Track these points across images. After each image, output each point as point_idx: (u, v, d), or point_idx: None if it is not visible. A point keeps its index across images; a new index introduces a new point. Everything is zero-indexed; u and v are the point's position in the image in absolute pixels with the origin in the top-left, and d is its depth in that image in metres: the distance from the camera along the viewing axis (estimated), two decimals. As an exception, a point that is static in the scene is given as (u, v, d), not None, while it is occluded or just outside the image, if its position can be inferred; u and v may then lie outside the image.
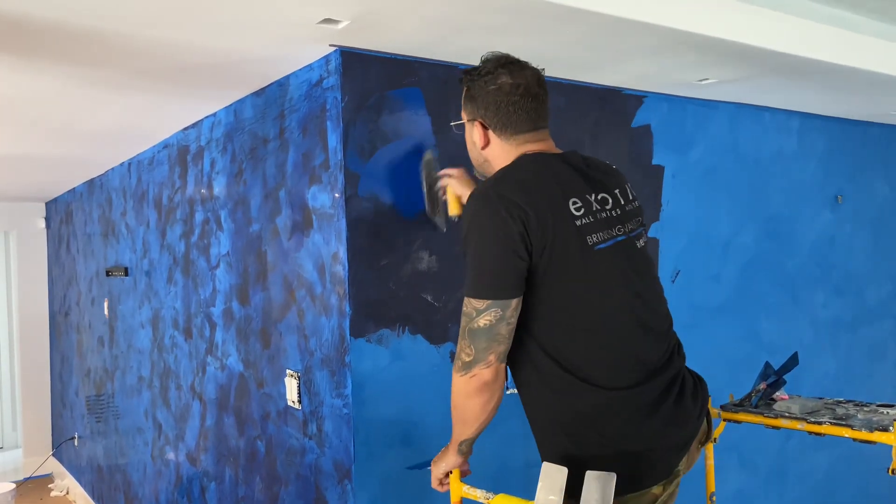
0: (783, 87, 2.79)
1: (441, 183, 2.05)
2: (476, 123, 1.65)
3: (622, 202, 1.62)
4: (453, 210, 2.03)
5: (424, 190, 2.11)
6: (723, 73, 2.54)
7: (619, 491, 1.48)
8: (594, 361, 1.52)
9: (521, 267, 1.48)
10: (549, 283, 1.49)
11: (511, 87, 1.59)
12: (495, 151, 1.65)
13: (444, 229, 2.15)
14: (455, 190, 2.01)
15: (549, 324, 1.52)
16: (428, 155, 2.12)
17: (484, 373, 1.52)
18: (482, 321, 1.49)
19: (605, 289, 1.53)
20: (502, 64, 1.61)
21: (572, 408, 1.52)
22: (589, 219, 1.53)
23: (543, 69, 1.65)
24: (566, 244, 1.49)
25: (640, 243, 1.64)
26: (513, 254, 1.46)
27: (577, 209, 1.52)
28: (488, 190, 1.52)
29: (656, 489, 1.55)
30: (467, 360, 1.52)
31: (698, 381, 1.67)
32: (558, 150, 1.65)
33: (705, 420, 1.67)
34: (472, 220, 1.51)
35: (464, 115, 1.69)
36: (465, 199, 1.95)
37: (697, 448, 1.65)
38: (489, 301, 1.48)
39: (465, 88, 1.67)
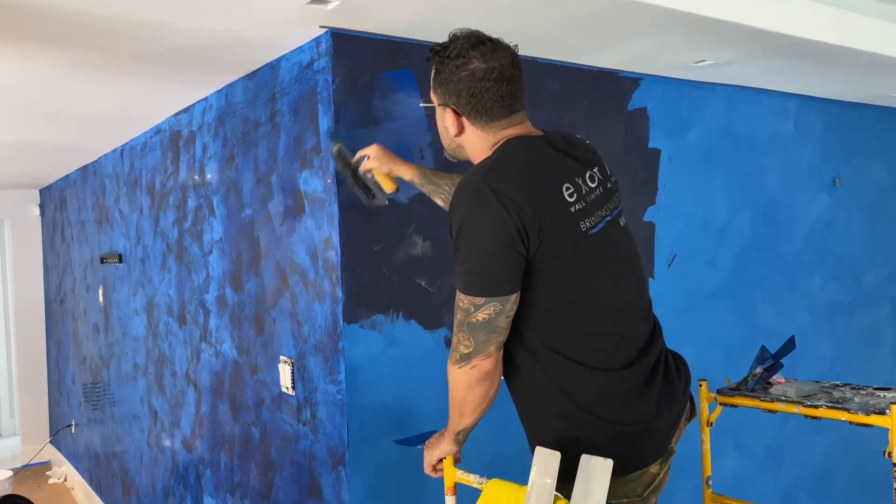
0: (781, 68, 2.76)
1: (363, 168, 1.94)
2: (448, 110, 1.56)
3: (604, 180, 1.59)
4: (390, 188, 1.93)
5: (349, 183, 1.99)
6: (720, 55, 2.52)
7: (620, 472, 1.48)
8: (590, 345, 1.51)
9: (520, 261, 1.44)
10: (545, 273, 1.47)
11: (484, 73, 1.48)
12: (471, 139, 1.57)
13: (385, 203, 2.03)
14: (381, 169, 1.91)
15: (545, 312, 1.51)
16: (336, 146, 1.99)
17: (484, 363, 1.50)
18: (481, 315, 1.46)
19: (597, 273, 1.51)
20: (473, 44, 1.49)
21: (570, 392, 1.52)
22: (582, 203, 1.50)
23: (517, 46, 1.55)
24: (562, 233, 1.46)
25: (623, 221, 1.62)
26: (511, 250, 1.43)
27: (571, 195, 1.49)
28: (479, 184, 1.45)
29: (654, 468, 1.55)
30: (466, 351, 1.50)
31: (678, 359, 1.67)
32: (538, 132, 1.59)
33: (689, 396, 1.68)
34: (465, 217, 1.45)
35: (434, 99, 1.60)
36: (394, 172, 1.91)
37: (684, 424, 1.66)
38: (487, 297, 1.45)
39: (433, 69, 1.56)
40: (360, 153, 1.95)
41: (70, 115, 3.04)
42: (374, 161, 1.92)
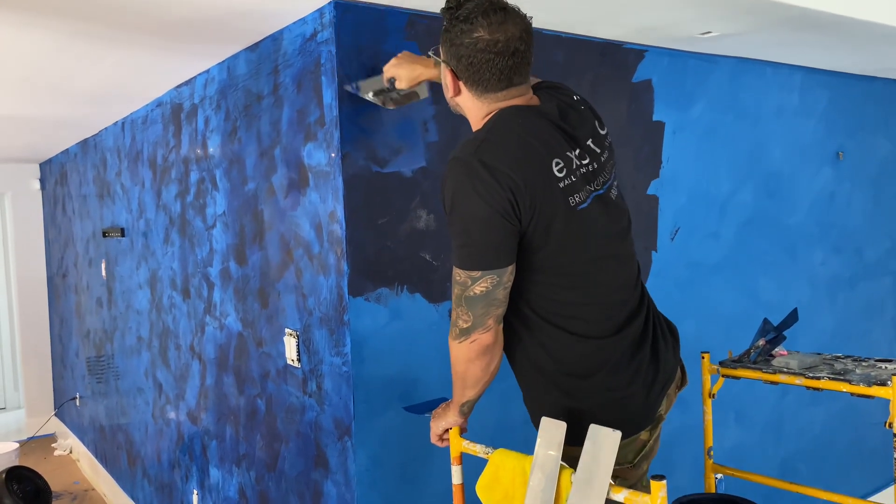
0: (787, 40, 2.74)
1: (387, 75, 1.92)
2: (448, 70, 1.55)
3: (598, 152, 1.58)
4: (423, 93, 1.98)
5: (400, 105, 2.00)
6: (726, 26, 2.49)
7: None
8: (580, 314, 1.54)
9: (514, 232, 1.46)
10: (535, 247, 1.49)
11: (487, 44, 1.45)
12: (466, 104, 1.58)
13: (427, 94, 2.05)
14: (413, 83, 1.91)
15: (537, 284, 1.53)
16: (369, 94, 1.98)
17: (484, 337, 1.51)
18: (478, 289, 1.47)
19: (586, 246, 1.53)
20: (484, 11, 1.45)
21: (562, 360, 1.55)
22: (571, 178, 1.50)
23: (531, 18, 1.53)
24: (552, 208, 1.47)
25: (614, 193, 1.62)
26: (504, 220, 1.44)
27: (560, 170, 1.49)
28: (470, 157, 1.45)
29: (644, 434, 1.60)
30: (465, 326, 1.51)
31: (670, 326, 1.70)
32: (535, 101, 1.57)
33: (680, 365, 1.69)
34: (457, 191, 1.45)
35: (441, 52, 1.59)
36: (424, 77, 1.89)
37: (675, 392, 1.68)
38: (484, 270, 1.46)
39: (444, 23, 1.54)
40: (386, 76, 1.93)
41: (69, 88, 3.02)
42: (402, 82, 1.90)
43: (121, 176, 3.92)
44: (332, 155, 2.04)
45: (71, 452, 5.60)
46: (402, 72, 1.90)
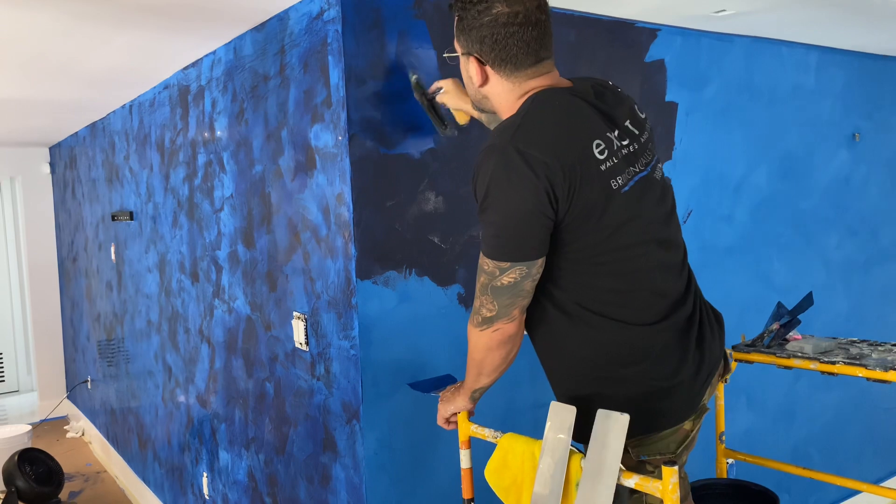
0: (802, 18, 2.68)
1: (438, 99, 2.00)
2: (472, 59, 1.50)
3: (637, 133, 1.52)
4: (462, 120, 2.02)
5: (425, 110, 2.06)
6: (741, 4, 2.44)
7: (654, 428, 1.48)
8: (623, 301, 1.48)
9: (548, 225, 1.41)
10: (574, 233, 1.43)
11: (508, 17, 1.42)
12: (496, 89, 1.52)
13: (455, 133, 2.13)
14: (454, 104, 1.95)
15: (576, 272, 1.47)
16: (414, 77, 2.07)
17: (507, 327, 1.49)
18: (506, 279, 1.44)
19: (628, 230, 1.46)
20: None
21: (605, 349, 1.49)
22: (613, 160, 1.44)
23: None
24: (592, 192, 1.41)
25: (658, 174, 1.56)
26: (540, 214, 1.38)
27: (601, 152, 1.43)
28: (506, 144, 1.39)
29: (687, 425, 1.54)
30: (489, 315, 1.48)
31: (716, 314, 1.65)
32: (567, 82, 1.53)
33: (724, 353, 1.65)
34: (492, 180, 1.39)
35: (457, 47, 1.54)
36: (463, 108, 1.93)
37: (717, 381, 1.64)
38: (513, 262, 1.42)
39: (456, 17, 1.50)
40: (435, 85, 1.98)
41: (76, 70, 3.00)
42: (447, 95, 1.94)
43: (129, 159, 3.91)
44: (339, 137, 2.01)
45: (83, 435, 5.65)
46: (452, 89, 1.94)
